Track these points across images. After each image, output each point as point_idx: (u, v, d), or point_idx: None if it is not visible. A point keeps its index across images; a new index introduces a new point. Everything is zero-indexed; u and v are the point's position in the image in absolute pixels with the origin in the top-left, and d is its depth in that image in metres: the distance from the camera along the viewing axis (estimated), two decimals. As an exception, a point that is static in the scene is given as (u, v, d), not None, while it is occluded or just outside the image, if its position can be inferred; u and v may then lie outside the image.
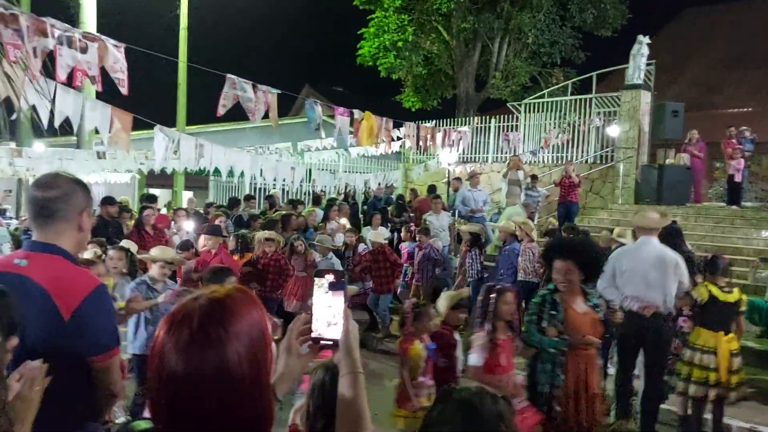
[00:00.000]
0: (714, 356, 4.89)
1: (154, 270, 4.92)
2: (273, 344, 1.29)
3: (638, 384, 5.25)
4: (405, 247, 9.99)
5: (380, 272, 8.34)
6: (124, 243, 6.09)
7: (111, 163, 12.51)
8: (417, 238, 9.22)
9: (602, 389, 4.20)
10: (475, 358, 3.88)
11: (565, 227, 9.01)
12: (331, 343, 1.39)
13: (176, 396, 1.09)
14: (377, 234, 9.10)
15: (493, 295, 3.97)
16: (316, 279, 1.41)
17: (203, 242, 7.16)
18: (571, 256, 3.95)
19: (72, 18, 11.74)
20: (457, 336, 4.47)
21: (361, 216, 12.56)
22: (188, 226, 8.20)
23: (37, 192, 1.96)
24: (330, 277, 1.40)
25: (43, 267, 1.90)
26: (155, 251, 5.24)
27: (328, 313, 1.39)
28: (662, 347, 5.04)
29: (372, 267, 8.39)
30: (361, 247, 9.42)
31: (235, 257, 7.26)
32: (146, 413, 1.21)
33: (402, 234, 10.71)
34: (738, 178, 12.59)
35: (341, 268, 8.08)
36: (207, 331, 1.09)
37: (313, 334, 1.40)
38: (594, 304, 4.06)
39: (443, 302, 4.48)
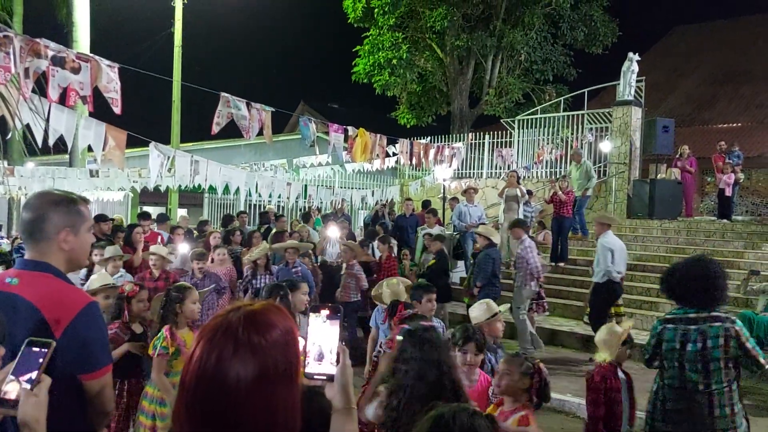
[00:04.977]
0: None
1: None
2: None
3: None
4: None
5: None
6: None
7: (104, 181, 12.47)
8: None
9: None
10: None
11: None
12: (324, 378, 1.37)
13: (213, 404, 1.15)
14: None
15: None
16: (312, 314, 1.40)
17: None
18: None
19: (65, 36, 11.80)
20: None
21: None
22: (183, 248, 7.77)
23: (23, 213, 2.02)
24: (325, 311, 1.39)
25: (33, 285, 1.90)
26: None
27: (323, 347, 1.38)
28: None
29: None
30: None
31: None
32: None
33: None
34: (728, 193, 12.72)
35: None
36: (251, 340, 1.17)
37: (307, 369, 1.37)
38: None
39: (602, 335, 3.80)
